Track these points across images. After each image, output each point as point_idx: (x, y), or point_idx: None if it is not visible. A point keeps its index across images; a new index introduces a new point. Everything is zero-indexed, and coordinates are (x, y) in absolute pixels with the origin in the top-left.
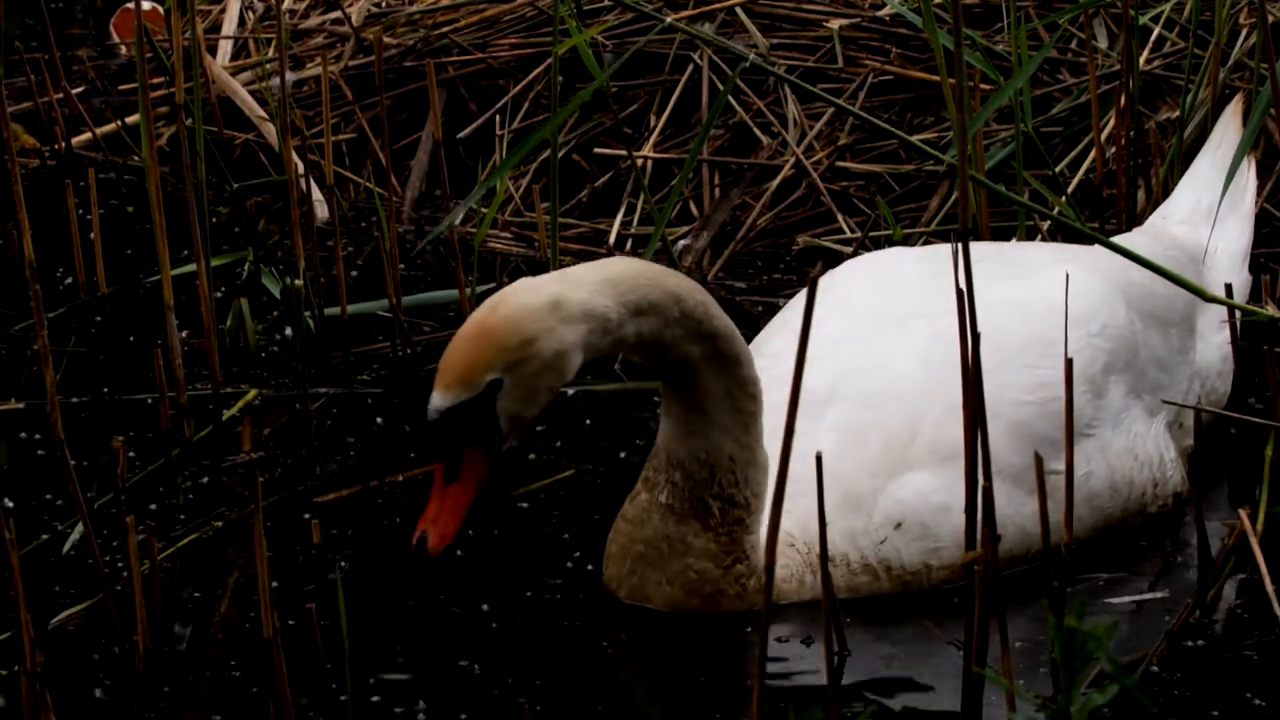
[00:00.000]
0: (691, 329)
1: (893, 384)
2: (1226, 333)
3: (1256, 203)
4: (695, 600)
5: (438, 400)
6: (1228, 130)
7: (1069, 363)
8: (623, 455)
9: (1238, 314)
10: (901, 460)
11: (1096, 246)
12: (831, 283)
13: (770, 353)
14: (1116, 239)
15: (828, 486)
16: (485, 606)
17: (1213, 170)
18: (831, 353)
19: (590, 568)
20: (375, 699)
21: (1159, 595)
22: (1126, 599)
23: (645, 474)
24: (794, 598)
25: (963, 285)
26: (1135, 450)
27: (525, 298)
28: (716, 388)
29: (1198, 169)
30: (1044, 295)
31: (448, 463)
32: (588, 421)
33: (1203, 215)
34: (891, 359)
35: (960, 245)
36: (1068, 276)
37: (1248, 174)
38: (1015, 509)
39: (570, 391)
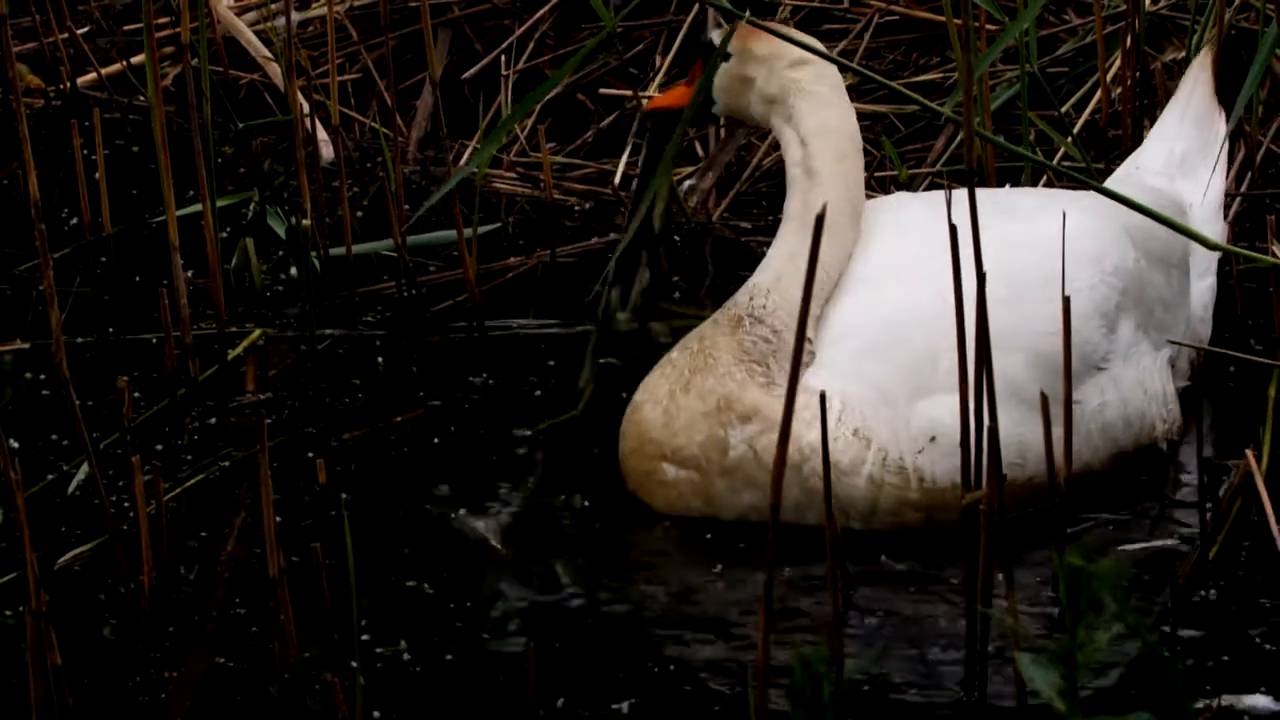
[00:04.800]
0: None
1: (914, 313)
2: (1210, 279)
3: (1260, 150)
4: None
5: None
6: (1197, 82)
7: (1067, 301)
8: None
9: (1207, 260)
10: (927, 385)
11: (1089, 192)
12: (877, 215)
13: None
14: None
15: (862, 386)
16: (492, 542)
17: (1182, 122)
18: (860, 288)
19: (595, 496)
20: (380, 638)
21: (1164, 536)
22: (1130, 542)
23: None
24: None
25: (958, 224)
26: (1145, 384)
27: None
28: None
29: (1167, 120)
30: (1054, 232)
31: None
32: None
33: (1176, 166)
34: (913, 293)
35: (967, 187)
36: (1072, 217)
37: (1218, 123)
38: (1038, 437)
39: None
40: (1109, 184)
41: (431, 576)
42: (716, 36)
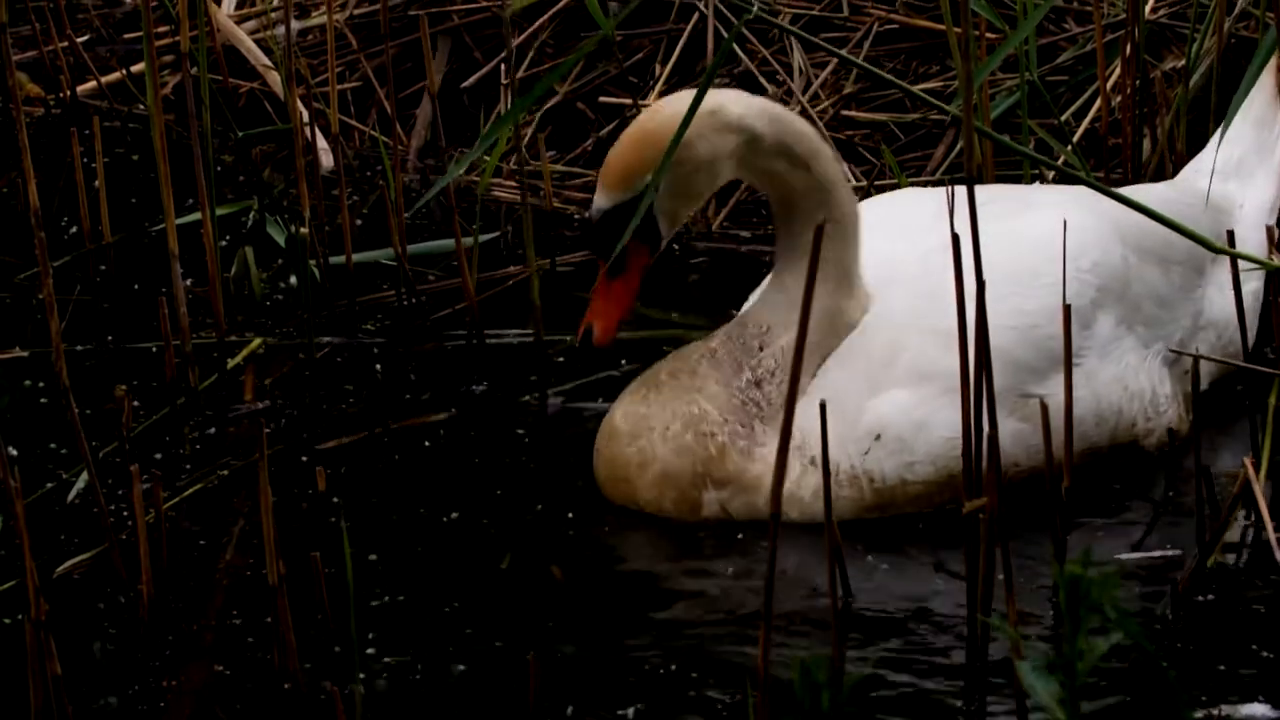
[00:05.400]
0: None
1: (886, 317)
2: (1252, 284)
3: None
4: None
5: (600, 201)
6: (1259, 86)
7: (1068, 308)
8: None
9: (1241, 264)
10: (881, 383)
11: (1092, 191)
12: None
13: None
14: (1140, 188)
15: (818, 394)
16: (492, 553)
17: (1242, 124)
18: None
19: (594, 502)
20: (380, 646)
21: (1162, 544)
22: (1129, 549)
23: None
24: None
25: (961, 231)
26: (1125, 381)
27: (683, 105)
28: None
29: (1232, 123)
30: (1033, 231)
31: (611, 261)
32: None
33: (1233, 168)
34: (888, 298)
35: (967, 194)
36: (1061, 214)
37: (1278, 125)
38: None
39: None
40: (1167, 185)
41: (431, 584)
42: (604, 200)
